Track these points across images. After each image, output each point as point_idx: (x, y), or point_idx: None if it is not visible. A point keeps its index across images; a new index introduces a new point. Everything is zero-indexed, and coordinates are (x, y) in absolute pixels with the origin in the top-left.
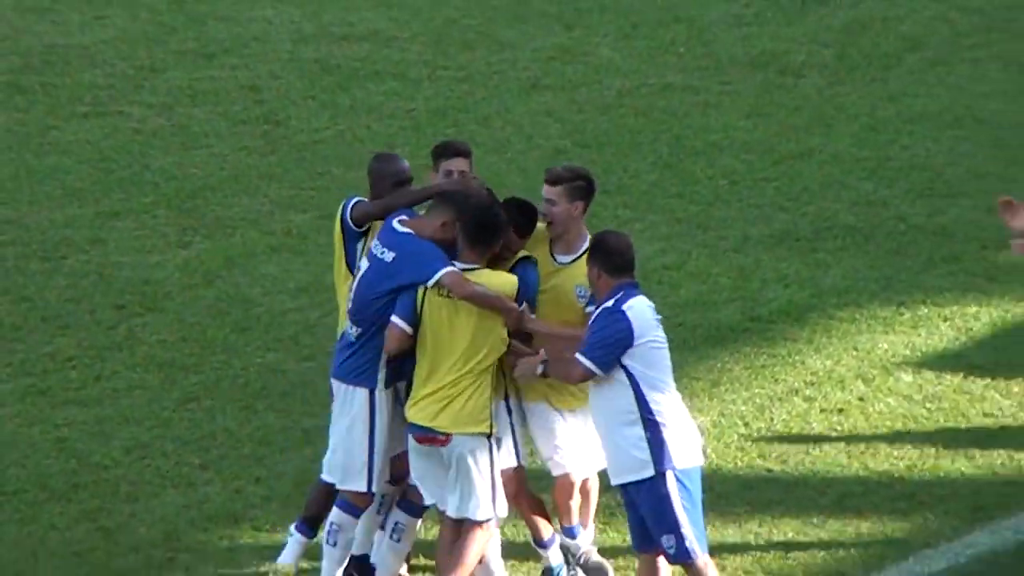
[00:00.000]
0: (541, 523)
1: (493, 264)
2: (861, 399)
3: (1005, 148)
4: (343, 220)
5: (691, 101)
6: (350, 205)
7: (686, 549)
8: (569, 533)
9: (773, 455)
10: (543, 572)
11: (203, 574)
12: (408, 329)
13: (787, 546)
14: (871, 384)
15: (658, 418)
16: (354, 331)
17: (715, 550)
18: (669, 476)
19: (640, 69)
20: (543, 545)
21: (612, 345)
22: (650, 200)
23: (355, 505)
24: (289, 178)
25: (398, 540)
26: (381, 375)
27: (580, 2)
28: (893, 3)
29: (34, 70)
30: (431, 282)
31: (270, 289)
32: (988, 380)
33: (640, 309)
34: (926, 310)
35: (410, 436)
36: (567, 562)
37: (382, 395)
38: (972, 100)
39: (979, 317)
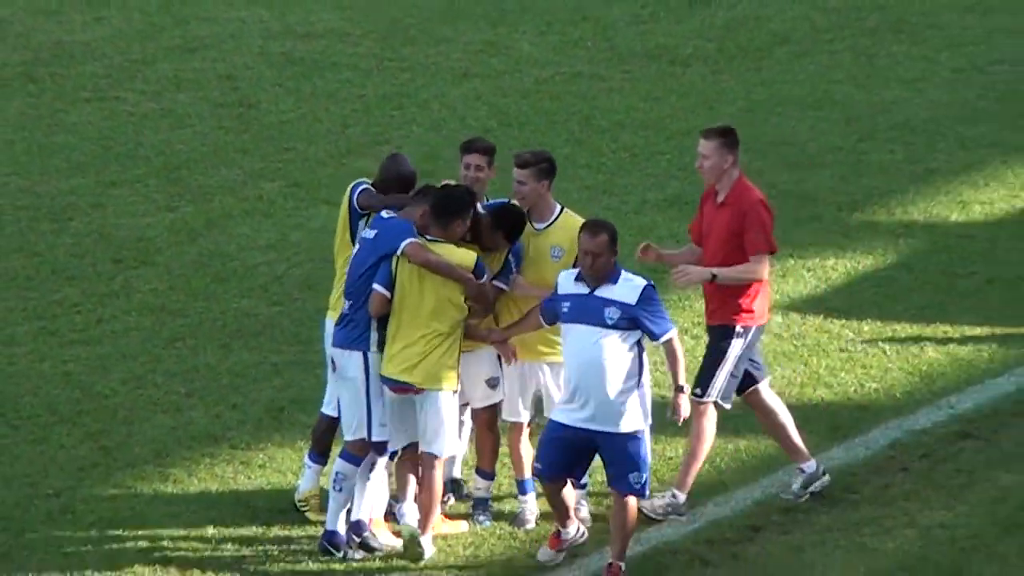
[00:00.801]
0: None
1: (482, 251)
2: (695, 337)
3: (856, 125)
4: (350, 201)
5: (597, 87)
6: (357, 190)
7: (646, 487)
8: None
9: (666, 384)
10: (516, 516)
11: (188, 485)
12: (387, 293)
13: (678, 461)
14: None
15: (645, 381)
16: (346, 305)
17: None
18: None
19: (554, 60)
20: (525, 491)
21: (664, 312)
22: (563, 170)
23: (356, 455)
24: (260, 153)
25: (340, 489)
26: (373, 338)
27: (504, 3)
28: (764, 4)
29: (43, 63)
30: (399, 251)
31: (244, 246)
32: (843, 321)
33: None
34: (792, 262)
35: (385, 387)
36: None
37: (374, 356)
38: (829, 85)
39: (836, 268)
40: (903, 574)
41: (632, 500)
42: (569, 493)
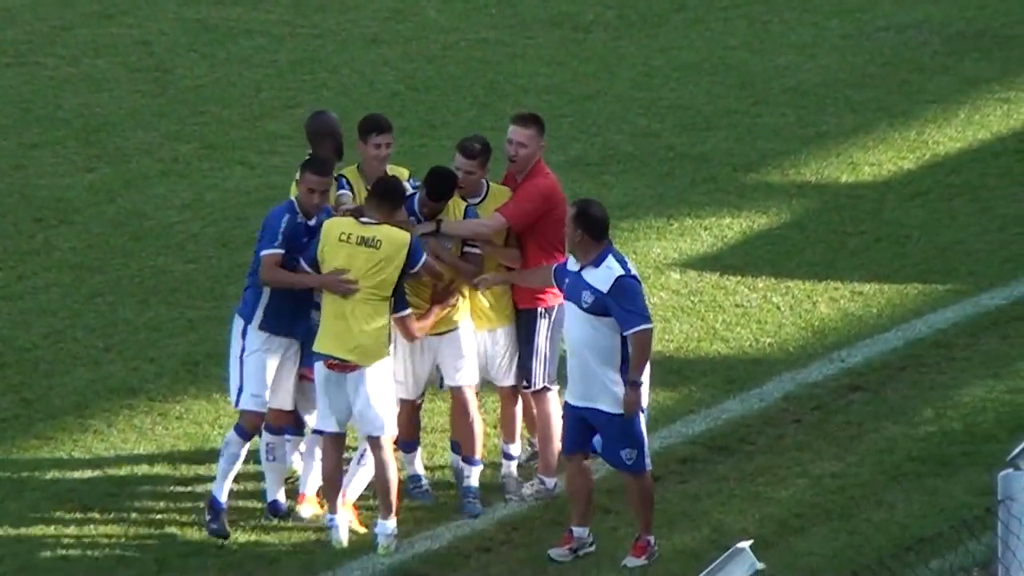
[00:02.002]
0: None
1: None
2: None
3: (750, 89)
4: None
5: (502, 52)
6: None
7: (643, 463)
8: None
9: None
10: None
11: (108, 436)
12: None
13: None
14: (647, 281)
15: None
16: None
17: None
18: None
19: (460, 27)
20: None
21: (642, 302)
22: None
23: (270, 424)
24: (176, 116)
25: (273, 459)
26: (258, 314)
27: None
28: None
29: None
30: (417, 268)
31: (160, 205)
32: (739, 277)
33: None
34: (690, 221)
35: (320, 363)
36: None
37: (255, 333)
38: (724, 51)
39: (732, 227)
40: (796, 521)
41: (640, 476)
42: (587, 482)
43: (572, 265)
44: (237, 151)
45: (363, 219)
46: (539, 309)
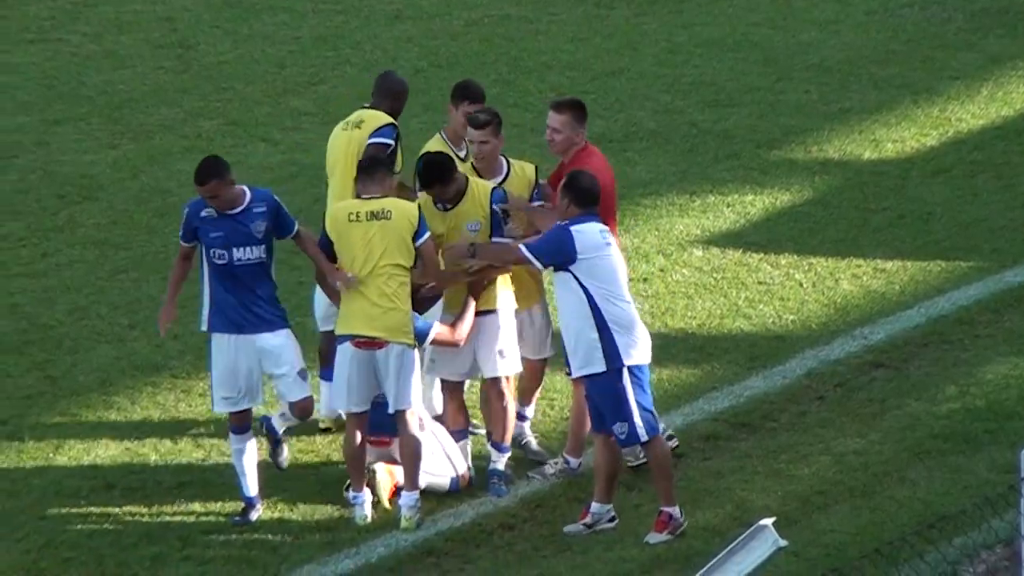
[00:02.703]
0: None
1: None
2: (662, 270)
3: (773, 66)
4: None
5: (525, 29)
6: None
7: (635, 434)
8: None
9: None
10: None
11: (131, 413)
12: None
13: None
14: (670, 258)
15: (609, 323)
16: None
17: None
18: (624, 372)
19: (483, 3)
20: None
21: (551, 249)
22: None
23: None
24: (199, 92)
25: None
26: (204, 316)
27: None
28: None
29: None
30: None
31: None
32: (761, 255)
33: (587, 231)
34: (713, 198)
35: (347, 343)
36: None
37: (212, 335)
38: (747, 28)
39: (755, 203)
40: (819, 498)
41: (648, 447)
42: (610, 460)
43: None
44: (260, 127)
45: (364, 195)
46: None
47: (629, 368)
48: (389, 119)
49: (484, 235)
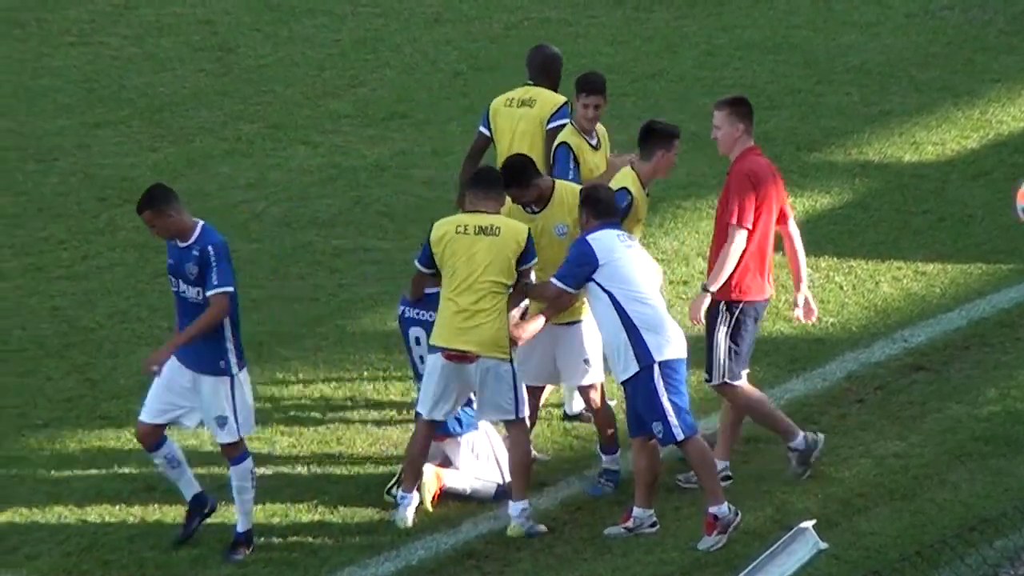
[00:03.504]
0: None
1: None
2: (701, 273)
3: (813, 68)
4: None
5: (565, 32)
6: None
7: (672, 433)
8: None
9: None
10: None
11: None
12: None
13: None
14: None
15: (636, 323)
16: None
17: None
18: (655, 369)
19: (523, 6)
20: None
21: (575, 269)
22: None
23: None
24: (239, 95)
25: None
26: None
27: None
28: None
29: (29, 8)
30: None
31: (224, 185)
32: None
33: (603, 237)
34: None
35: (437, 354)
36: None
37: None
38: (788, 30)
39: (794, 206)
40: (859, 501)
41: (686, 444)
42: (650, 465)
43: None
44: (300, 130)
45: (473, 210)
46: (721, 303)
47: (661, 365)
48: (561, 97)
49: (573, 238)
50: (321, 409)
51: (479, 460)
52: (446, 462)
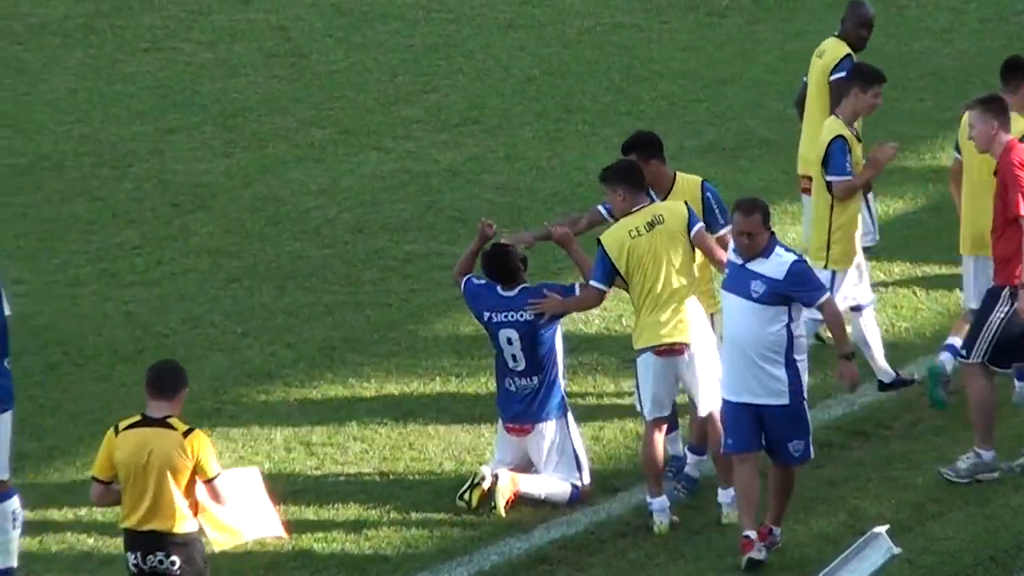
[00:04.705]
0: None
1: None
2: None
3: (888, 74)
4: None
5: (637, 37)
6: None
7: (809, 452)
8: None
9: None
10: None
11: (244, 420)
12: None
13: None
14: None
15: (799, 356)
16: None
17: None
18: (804, 402)
19: (595, 11)
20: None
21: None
22: (604, 118)
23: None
24: (311, 101)
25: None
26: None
27: None
28: None
29: (104, 15)
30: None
31: (297, 191)
32: (875, 262)
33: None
34: None
35: (648, 354)
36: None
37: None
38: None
39: None
40: (933, 506)
41: (791, 469)
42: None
43: (734, 258)
44: (372, 136)
45: (633, 210)
46: (1007, 288)
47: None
48: (847, 49)
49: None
50: (393, 414)
51: (560, 457)
52: (525, 462)
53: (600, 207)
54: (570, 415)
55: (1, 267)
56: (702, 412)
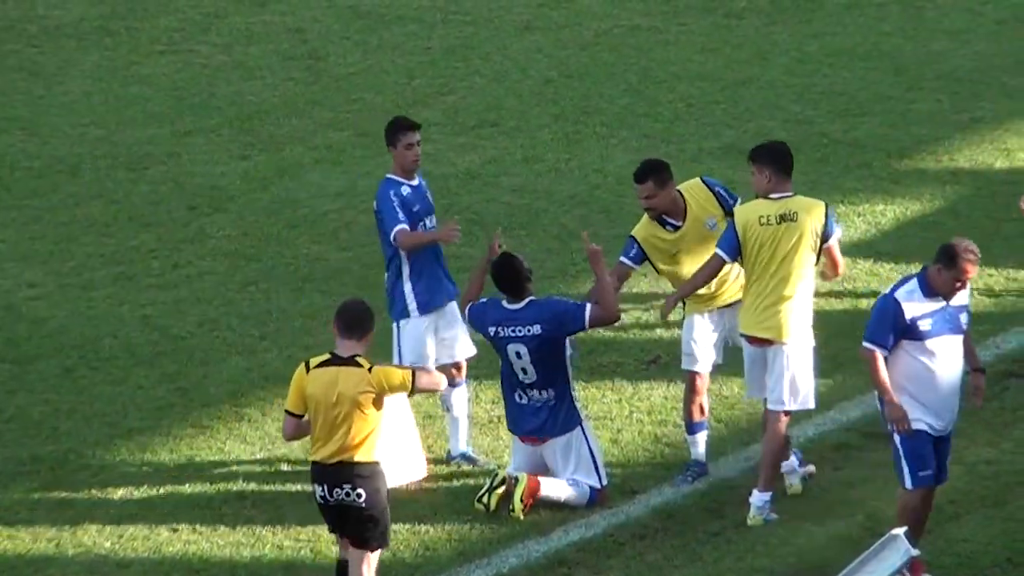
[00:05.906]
0: None
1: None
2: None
3: (904, 75)
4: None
5: (655, 39)
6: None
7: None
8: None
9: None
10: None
11: (263, 424)
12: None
13: (733, 400)
14: None
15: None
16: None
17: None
18: None
19: (613, 13)
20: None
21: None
22: (622, 120)
23: None
24: (329, 103)
25: None
26: None
27: None
28: None
29: (119, 16)
30: None
31: (314, 193)
32: (892, 264)
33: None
34: (843, 208)
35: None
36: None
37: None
38: (878, 37)
39: (885, 213)
40: (950, 508)
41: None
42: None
43: (936, 301)
44: None
45: (772, 196)
46: None
47: None
48: None
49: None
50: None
51: (578, 461)
52: (541, 468)
53: (623, 258)
54: (585, 420)
55: (17, 270)
56: (778, 407)
